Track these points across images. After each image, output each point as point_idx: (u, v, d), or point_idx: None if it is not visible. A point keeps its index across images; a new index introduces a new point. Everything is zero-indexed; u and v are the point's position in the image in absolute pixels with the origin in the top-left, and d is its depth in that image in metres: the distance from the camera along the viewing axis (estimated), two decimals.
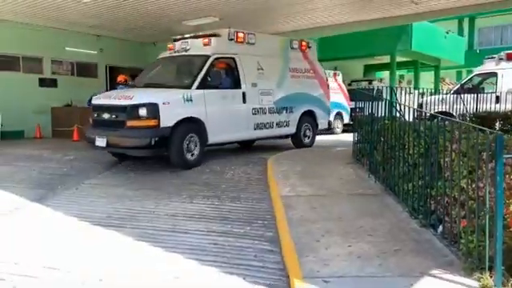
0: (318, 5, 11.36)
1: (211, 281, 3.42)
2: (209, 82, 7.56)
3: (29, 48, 13.43)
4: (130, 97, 7.07)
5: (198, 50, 8.09)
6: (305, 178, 6.29)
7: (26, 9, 11.26)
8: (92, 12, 11.49)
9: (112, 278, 3.50)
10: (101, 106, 7.53)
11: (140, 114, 6.84)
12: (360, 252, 3.58)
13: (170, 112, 6.93)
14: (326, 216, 4.58)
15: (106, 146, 7.21)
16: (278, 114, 9.08)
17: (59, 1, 10.45)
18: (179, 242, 4.25)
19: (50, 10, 11.33)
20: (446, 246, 3.63)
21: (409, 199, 4.57)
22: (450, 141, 3.67)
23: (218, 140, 7.87)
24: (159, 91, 7.34)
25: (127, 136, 6.93)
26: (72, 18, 12.33)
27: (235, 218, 4.94)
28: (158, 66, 8.87)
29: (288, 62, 9.64)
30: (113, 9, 11.14)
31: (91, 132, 7.61)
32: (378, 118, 6.06)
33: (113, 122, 7.20)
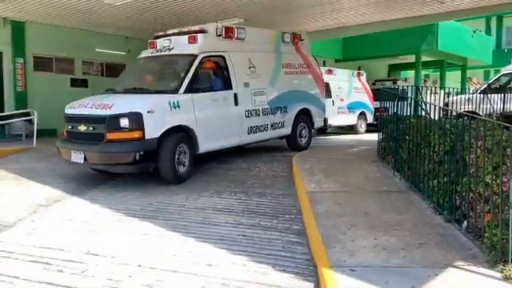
0: (344, 5, 11.43)
1: (241, 268, 3.61)
2: (197, 84, 6.78)
3: (61, 49, 13.94)
4: (109, 105, 6.18)
5: (182, 49, 7.29)
6: (330, 175, 6.42)
7: (58, 12, 11.71)
8: (122, 14, 11.87)
9: (149, 263, 3.73)
10: (75, 117, 6.57)
11: (121, 125, 5.98)
12: (385, 244, 3.70)
13: (155, 121, 6.11)
14: (352, 211, 4.71)
15: (84, 163, 6.35)
16: (272, 114, 8.41)
17: (91, 4, 10.84)
18: (210, 233, 4.46)
19: (82, 12, 11.75)
20: (470, 240, 3.72)
21: (434, 196, 4.65)
22: (475, 138, 3.76)
23: (210, 148, 7.06)
24: (142, 98, 6.50)
25: (107, 151, 6.05)
26: (102, 21, 12.75)
27: (262, 212, 5.12)
28: (139, 67, 8.04)
29: (281, 57, 8.97)
30: (142, 11, 11.48)
31: (65, 146, 6.63)
32: (402, 117, 6.14)
33: (90, 135, 6.27)
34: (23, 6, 11.18)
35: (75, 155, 6.33)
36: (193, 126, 6.61)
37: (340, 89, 14.99)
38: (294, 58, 9.35)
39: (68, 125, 6.68)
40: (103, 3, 10.54)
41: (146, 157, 6.02)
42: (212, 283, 3.36)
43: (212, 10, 11.46)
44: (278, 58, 8.89)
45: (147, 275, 3.53)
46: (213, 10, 11.39)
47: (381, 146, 7.55)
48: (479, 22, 26.02)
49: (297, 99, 9.11)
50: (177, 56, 7.37)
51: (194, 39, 7.25)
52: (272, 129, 8.44)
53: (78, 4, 10.87)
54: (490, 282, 3.01)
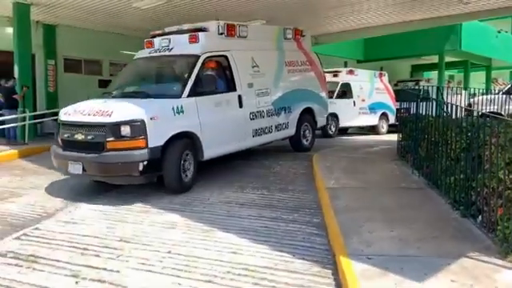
0: (364, 6, 11.55)
1: (263, 256, 3.85)
2: (200, 87, 6.36)
3: (89, 52, 14.50)
4: (109, 112, 5.70)
5: (183, 49, 6.82)
6: (349, 173, 6.59)
7: (88, 16, 12.22)
8: (148, 17, 12.28)
9: (178, 251, 4.02)
10: (72, 124, 6.04)
11: (123, 133, 5.56)
12: (401, 236, 3.88)
13: (159, 128, 5.70)
14: (370, 206, 4.89)
15: (83, 174, 5.83)
16: (276, 115, 8.04)
17: (120, 8, 11.29)
18: (233, 224, 4.72)
19: (110, 16, 12.23)
20: (484, 234, 3.86)
21: (451, 192, 4.79)
22: (489, 135, 3.90)
23: (215, 154, 6.66)
24: (144, 103, 5.96)
25: (109, 161, 5.56)
26: (129, 23, 13.21)
27: (283, 206, 5.35)
28: (137, 69, 7.53)
29: (283, 54, 8.58)
30: (167, 13, 11.86)
31: (61, 155, 6.08)
32: (422, 117, 6.27)
33: (89, 144, 5.76)
34: (55, 10, 11.72)
35: (73, 166, 5.79)
36: (197, 131, 6.20)
37: (361, 89, 15.02)
38: (297, 55, 9.01)
39: (64, 133, 6.09)
40: (131, 7, 10.97)
41: (150, 166, 5.58)
42: (236, 269, 3.61)
43: (234, 12, 11.76)
44: (281, 55, 8.54)
45: (177, 260, 3.81)
46: (236, 11, 11.68)
47: (400, 145, 7.67)
48: (504, 22, 25.54)
49: (300, 98, 8.81)
50: (177, 56, 6.93)
51: (196, 38, 6.76)
52: (276, 130, 8.09)
53: (108, 8, 11.33)
54: (500, 271, 3.17)
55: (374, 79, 15.96)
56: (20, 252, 4.08)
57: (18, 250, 4.12)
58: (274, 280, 3.40)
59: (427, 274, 3.13)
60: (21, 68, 11.03)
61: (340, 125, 14.10)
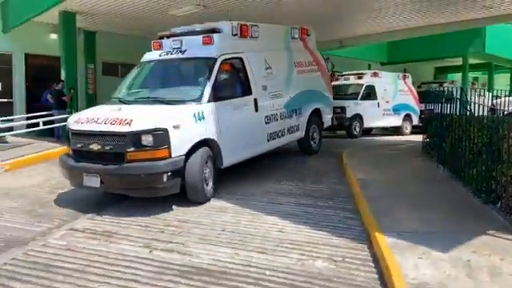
0: (390, 11, 12.00)
1: (306, 234, 4.43)
2: (219, 91, 6.10)
3: (126, 56, 15.29)
4: (128, 120, 5.31)
5: (197, 51, 6.44)
6: (377, 167, 7.12)
7: (126, 22, 13.01)
8: (182, 23, 12.98)
9: (231, 229, 4.64)
10: (86, 133, 5.59)
11: (144, 142, 5.23)
12: (427, 218, 4.41)
13: (181, 137, 5.40)
14: (398, 194, 5.42)
15: (101, 187, 5.43)
16: (288, 118, 7.83)
17: (156, 15, 12.02)
18: (276, 210, 5.30)
19: (147, 23, 12.99)
20: (502, 217, 4.36)
21: (473, 182, 5.28)
22: (508, 130, 4.39)
23: (233, 161, 6.40)
24: (163, 110, 5.66)
25: (130, 173, 5.19)
26: (163, 29, 13.95)
27: (319, 195, 5.92)
28: (147, 72, 7.00)
29: (292, 55, 8.33)
30: (201, 19, 12.53)
31: (73, 167, 5.62)
32: (446, 115, 6.74)
33: (106, 155, 5.37)
34: (96, 18, 12.55)
35: (89, 178, 5.40)
36: (217, 138, 5.93)
37: (385, 91, 15.40)
38: (304, 56, 8.78)
39: (76, 142, 5.66)
40: (168, 14, 11.70)
41: (173, 177, 5.28)
42: (284, 243, 4.21)
43: (265, 17, 12.32)
44: (290, 56, 8.29)
45: (231, 236, 4.43)
46: (266, 16, 12.24)
47: (426, 142, 8.13)
48: None
49: (309, 100, 8.59)
50: (192, 59, 6.55)
51: (210, 40, 6.37)
52: (289, 133, 7.87)
53: (146, 16, 12.09)
54: None
55: (397, 81, 16.32)
56: (95, 229, 4.77)
57: (94, 228, 4.82)
58: (319, 252, 3.98)
59: (450, 246, 3.66)
60: (67, 72, 11.90)
61: (364, 125, 14.53)
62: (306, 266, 3.70)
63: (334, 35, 15.76)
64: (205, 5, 11.12)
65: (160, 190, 5.34)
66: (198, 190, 5.55)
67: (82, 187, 5.67)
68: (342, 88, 15.35)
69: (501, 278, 3.19)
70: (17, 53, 13.26)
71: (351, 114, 13.99)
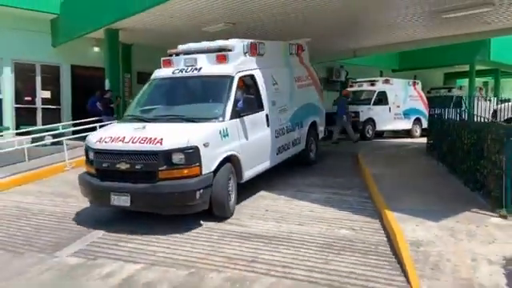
0: (399, 25, 13.27)
1: (331, 213, 5.78)
2: (238, 108, 6.24)
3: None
4: (158, 139, 5.35)
5: (213, 69, 6.57)
6: (388, 165, 8.44)
7: (160, 36, 14.46)
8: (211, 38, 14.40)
9: (273, 209, 6.03)
10: (112, 152, 5.54)
11: (176, 161, 5.28)
12: (425, 201, 5.74)
13: (210, 154, 5.49)
14: (404, 185, 6.74)
15: (131, 206, 5.36)
16: (292, 131, 8.10)
17: (190, 31, 13.47)
18: (305, 196, 6.67)
19: (179, 38, 14.33)
20: (483, 200, 5.67)
21: (464, 175, 6.58)
22: (487, 133, 5.69)
23: (251, 175, 6.56)
24: (191, 128, 5.67)
25: (163, 191, 5.22)
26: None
27: (338, 186, 7.28)
28: (162, 89, 6.97)
29: (292, 70, 8.64)
30: (231, 35, 13.94)
31: (99, 187, 5.56)
32: (445, 120, 8.05)
33: (136, 174, 5.36)
34: (135, 33, 14.02)
35: (118, 198, 5.37)
36: (239, 154, 6.09)
37: (396, 96, 16.65)
38: (301, 71, 9.13)
39: (101, 161, 5.59)
40: (200, 30, 13.15)
41: (204, 194, 5.36)
42: (315, 219, 5.57)
43: (285, 32, 13.70)
44: (291, 71, 8.58)
45: (273, 214, 5.81)
46: (287, 31, 13.62)
47: (429, 143, 9.43)
48: None
49: (308, 113, 8.97)
50: (210, 77, 6.57)
51: (225, 58, 6.55)
52: (293, 146, 8.16)
53: (179, 32, 13.53)
54: (489, 218, 5.01)
55: (407, 87, 17.55)
56: None
57: None
58: (342, 224, 5.34)
59: (440, 218, 4.99)
60: (111, 82, 13.44)
61: (376, 129, 15.80)
62: (334, 233, 5.07)
63: (349, 46, 17.06)
64: (233, 22, 12.53)
65: (191, 207, 5.39)
66: (224, 206, 5.68)
67: (106, 206, 5.74)
68: (356, 94, 16.66)
69: (474, 237, 4.51)
70: (64, 65, 14.87)
71: (364, 118, 15.27)
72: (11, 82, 13.79)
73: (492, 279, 3.67)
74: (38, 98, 14.42)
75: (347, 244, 4.72)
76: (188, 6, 10.24)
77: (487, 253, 4.14)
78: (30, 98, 14.30)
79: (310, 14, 11.49)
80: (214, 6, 10.70)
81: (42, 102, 14.51)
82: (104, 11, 11.75)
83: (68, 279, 4.13)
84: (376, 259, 4.31)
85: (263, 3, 10.49)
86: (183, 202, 5.33)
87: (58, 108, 14.87)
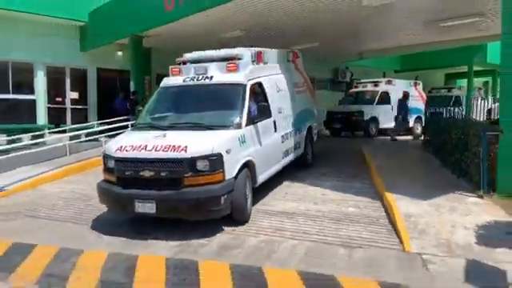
0: (401, 32, 14.42)
1: (340, 196, 6.98)
2: (252, 115, 6.45)
3: None
4: (182, 147, 5.48)
5: (224, 77, 6.72)
6: (388, 157, 9.66)
7: (177, 43, 15.61)
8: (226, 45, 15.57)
9: (291, 192, 7.23)
10: (134, 161, 5.62)
11: (201, 167, 5.41)
12: (419, 185, 6.93)
13: (231, 160, 5.68)
14: (402, 174, 7.93)
15: (156, 212, 5.46)
16: (294, 136, 8.34)
17: (206, 39, 14.58)
18: (318, 183, 7.86)
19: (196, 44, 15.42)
20: (467, 184, 6.84)
21: (452, 165, 7.76)
22: (469, 129, 6.87)
23: (263, 179, 6.77)
24: (212, 136, 5.81)
25: (190, 198, 5.35)
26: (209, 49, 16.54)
27: (346, 175, 8.50)
28: (173, 97, 7.08)
29: (291, 76, 8.83)
30: (241, 41, 15.13)
31: (122, 194, 5.62)
32: (437, 118, 9.23)
33: (161, 181, 5.47)
34: (156, 39, 15.19)
35: (142, 205, 5.45)
36: (254, 159, 6.29)
37: (398, 96, 17.78)
38: (298, 77, 9.37)
39: (123, 170, 5.65)
40: (218, 37, 14.35)
41: (227, 200, 5.52)
42: (326, 200, 6.79)
43: (295, 38, 14.87)
44: (290, 77, 8.75)
45: (292, 197, 7.02)
46: (297, 37, 14.79)
47: (425, 140, 10.61)
48: None
49: (305, 118, 9.22)
50: (223, 85, 6.67)
51: (236, 67, 6.72)
52: (294, 150, 8.41)
53: (197, 40, 14.63)
54: (469, 197, 6.20)
55: (409, 88, 18.65)
56: None
57: None
58: (349, 203, 6.55)
59: (429, 198, 6.18)
60: (136, 84, 14.68)
61: (379, 127, 16.95)
62: (342, 210, 6.27)
63: (355, 49, 18.24)
64: (246, 30, 13.71)
65: (215, 212, 5.50)
66: (244, 210, 5.87)
67: (128, 214, 5.83)
68: (360, 94, 17.84)
69: (455, 211, 5.69)
70: (90, 68, 16.12)
71: (368, 117, 16.43)
72: (44, 84, 15.07)
73: (465, 239, 4.85)
74: (67, 98, 15.70)
75: (354, 218, 5.93)
76: (213, 16, 11.33)
77: (464, 222, 5.33)
78: (60, 98, 15.58)
79: (320, 21, 12.64)
80: (234, 16, 11.84)
81: (71, 102, 15.80)
82: (134, 21, 12.93)
83: None
84: (377, 228, 5.52)
85: (276, 14, 11.70)
86: (208, 208, 5.45)
87: (85, 108, 16.13)
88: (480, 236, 4.92)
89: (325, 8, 10.90)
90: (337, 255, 4.75)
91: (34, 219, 6.52)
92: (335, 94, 21.39)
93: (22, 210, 6.98)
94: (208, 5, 10.13)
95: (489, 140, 6.22)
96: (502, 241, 4.75)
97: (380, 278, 4.11)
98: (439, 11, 11.18)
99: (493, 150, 6.25)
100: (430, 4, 10.49)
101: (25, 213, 6.81)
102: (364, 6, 10.02)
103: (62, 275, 4.50)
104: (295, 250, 4.92)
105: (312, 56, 19.41)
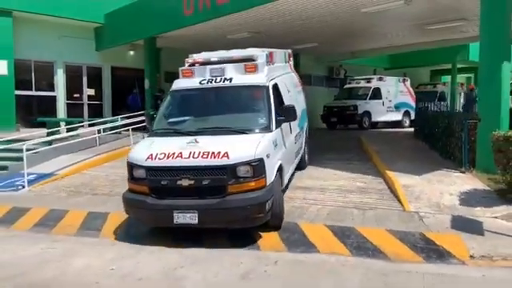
0: (390, 34, 15.91)
1: (348, 174, 8.39)
2: (278, 117, 6.21)
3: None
4: (222, 153, 5.27)
5: (245, 79, 6.42)
6: (384, 144, 11.17)
7: (187, 44, 16.83)
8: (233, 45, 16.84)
9: (306, 174, 8.62)
10: (172, 169, 5.34)
11: (243, 173, 5.24)
12: (412, 165, 8.36)
13: (271, 165, 5.55)
14: (397, 156, 9.39)
15: (198, 223, 5.20)
16: (301, 136, 8.44)
17: (215, 39, 15.78)
18: (328, 166, 9.24)
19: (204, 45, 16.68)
20: (452, 164, 8.31)
21: (440, 149, 9.26)
22: (453, 119, 8.35)
23: (287, 180, 6.80)
24: (250, 140, 5.59)
25: (234, 206, 5.15)
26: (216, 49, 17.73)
27: (350, 158, 9.98)
28: (192, 101, 6.72)
29: (291, 77, 8.85)
30: (249, 42, 16.42)
31: (158, 206, 5.30)
32: (426, 110, 10.73)
33: (202, 190, 5.25)
34: (167, 39, 16.30)
35: (183, 215, 5.19)
36: (282, 162, 6.16)
37: (389, 92, 19.31)
38: (294, 77, 9.28)
39: (158, 179, 5.35)
40: (225, 38, 15.62)
41: (270, 205, 5.35)
42: (337, 178, 8.19)
43: (295, 39, 16.19)
44: (291, 78, 8.73)
45: (307, 176, 8.41)
46: (294, 38, 16.09)
47: (416, 129, 12.14)
48: None
49: (304, 118, 9.21)
50: (245, 87, 6.43)
51: (255, 68, 6.47)
52: (301, 151, 8.53)
53: (206, 40, 15.81)
54: (454, 173, 7.67)
55: (398, 84, 20.22)
56: None
57: None
58: (357, 180, 7.96)
59: (421, 173, 7.63)
60: (150, 81, 15.89)
61: (372, 120, 18.46)
62: (352, 184, 7.70)
63: (349, 49, 19.68)
64: (254, 31, 15.01)
65: (259, 219, 5.32)
66: (282, 215, 5.80)
67: (168, 225, 5.40)
68: (354, 90, 19.32)
69: (442, 183, 7.15)
70: (105, 66, 17.27)
71: (362, 111, 17.93)
72: (63, 81, 16.20)
73: (451, 202, 6.30)
74: (84, 94, 16.87)
75: (363, 190, 7.36)
76: (227, 20, 12.58)
77: (449, 190, 6.78)
78: (78, 94, 16.73)
79: (322, 24, 14.01)
80: (242, 20, 13.06)
81: (88, 98, 16.95)
82: (153, 24, 14.10)
83: None
84: (382, 196, 6.95)
85: (282, 19, 13.07)
86: (254, 215, 5.24)
87: (100, 103, 17.30)
88: (462, 199, 6.37)
89: (327, 14, 12.31)
90: (353, 214, 6.16)
91: (97, 196, 7.82)
92: (331, 90, 22.89)
93: (82, 190, 8.25)
94: (226, 11, 11.41)
95: (469, 127, 7.69)
96: (478, 202, 6.21)
97: (388, 228, 5.54)
98: (427, 17, 12.68)
99: (473, 135, 7.72)
100: (418, 10, 11.94)
101: (86, 191, 8.09)
102: (363, 12, 11.43)
103: None
104: (320, 212, 6.31)
105: (310, 55, 20.92)
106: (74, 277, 4.50)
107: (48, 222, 6.55)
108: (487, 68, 7.95)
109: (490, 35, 7.86)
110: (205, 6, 11.91)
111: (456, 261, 4.69)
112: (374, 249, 5.06)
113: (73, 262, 4.89)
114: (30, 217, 6.83)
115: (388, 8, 10.94)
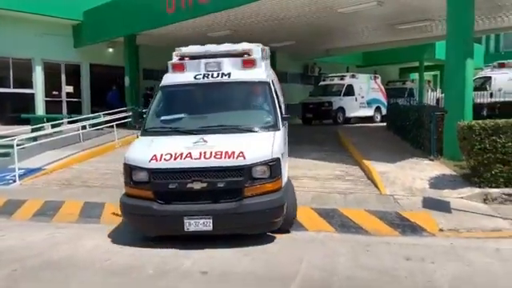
0: (362, 33, 16.70)
1: (327, 163, 9.00)
2: (283, 116, 5.95)
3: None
4: (237, 152, 4.92)
5: (244, 74, 6.01)
6: (359, 135, 11.92)
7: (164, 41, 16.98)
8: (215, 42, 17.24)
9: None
10: (181, 171, 4.92)
11: (259, 175, 4.92)
12: (386, 154, 9.05)
13: (283, 165, 5.28)
14: (373, 147, 10.09)
15: (213, 230, 4.83)
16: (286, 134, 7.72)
17: (195, 38, 16.19)
18: (308, 156, 9.79)
19: (183, 43, 17.05)
20: (422, 153, 9.06)
21: (411, 140, 10.01)
22: (423, 112, 9.10)
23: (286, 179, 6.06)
24: (263, 139, 5.28)
25: (253, 210, 4.83)
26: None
27: (328, 150, 10.59)
28: (188, 97, 6.25)
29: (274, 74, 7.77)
30: (233, 40, 16.85)
31: (166, 211, 4.88)
32: (397, 105, 11.50)
33: (215, 193, 4.89)
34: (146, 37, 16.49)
35: (195, 222, 4.80)
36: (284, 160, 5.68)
37: (361, 89, 20.08)
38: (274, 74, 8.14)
39: (164, 182, 4.92)
40: (206, 36, 15.98)
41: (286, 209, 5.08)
42: (318, 167, 8.78)
43: (273, 37, 16.73)
44: (274, 74, 7.73)
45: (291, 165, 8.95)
46: (275, 36, 16.65)
47: (388, 122, 12.92)
48: None
49: None
50: (245, 83, 6.04)
51: (253, 62, 6.07)
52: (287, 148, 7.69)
53: (187, 39, 16.20)
54: (424, 161, 8.40)
55: (370, 81, 21.05)
56: None
57: None
58: (336, 169, 8.58)
59: (394, 161, 8.33)
60: (130, 79, 16.10)
61: (345, 115, 19.23)
62: (332, 172, 8.32)
63: (323, 46, 20.43)
64: (234, 29, 15.48)
65: (277, 223, 5.05)
66: (294, 217, 5.48)
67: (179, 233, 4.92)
68: (329, 87, 20.04)
69: (413, 169, 7.85)
70: (84, 63, 17.32)
71: (336, 107, 18.65)
72: (42, 78, 16.19)
73: (422, 186, 6.99)
74: (63, 92, 16.89)
75: (342, 177, 7.98)
76: (209, 18, 12.96)
77: (420, 175, 7.48)
78: (56, 92, 16.73)
79: (300, 23, 14.62)
80: (224, 18, 13.53)
81: (66, 95, 16.97)
82: (133, 22, 14.32)
83: None
84: (360, 182, 7.59)
85: (262, 18, 13.61)
86: (271, 219, 4.97)
87: (79, 101, 17.34)
88: (432, 183, 7.07)
89: (306, 13, 12.92)
90: (335, 198, 6.77)
91: (89, 188, 8.13)
92: (306, 87, 23.61)
93: (73, 182, 8.53)
94: (210, 10, 11.81)
95: (437, 119, 8.43)
96: (446, 185, 6.93)
97: (367, 208, 6.15)
98: (397, 17, 13.49)
99: (440, 126, 8.46)
100: (390, 11, 12.71)
101: (77, 184, 8.38)
102: (339, 12, 12.09)
103: None
104: (304, 196, 6.82)
105: (286, 53, 21.52)
106: (86, 255, 4.87)
107: (47, 211, 6.84)
108: (453, 65, 8.67)
109: (456, 35, 8.60)
110: (187, 5, 12.27)
111: (427, 234, 5.35)
112: (356, 226, 5.65)
113: (82, 244, 5.25)
114: (27, 208, 7.09)
115: (363, 8, 11.63)
